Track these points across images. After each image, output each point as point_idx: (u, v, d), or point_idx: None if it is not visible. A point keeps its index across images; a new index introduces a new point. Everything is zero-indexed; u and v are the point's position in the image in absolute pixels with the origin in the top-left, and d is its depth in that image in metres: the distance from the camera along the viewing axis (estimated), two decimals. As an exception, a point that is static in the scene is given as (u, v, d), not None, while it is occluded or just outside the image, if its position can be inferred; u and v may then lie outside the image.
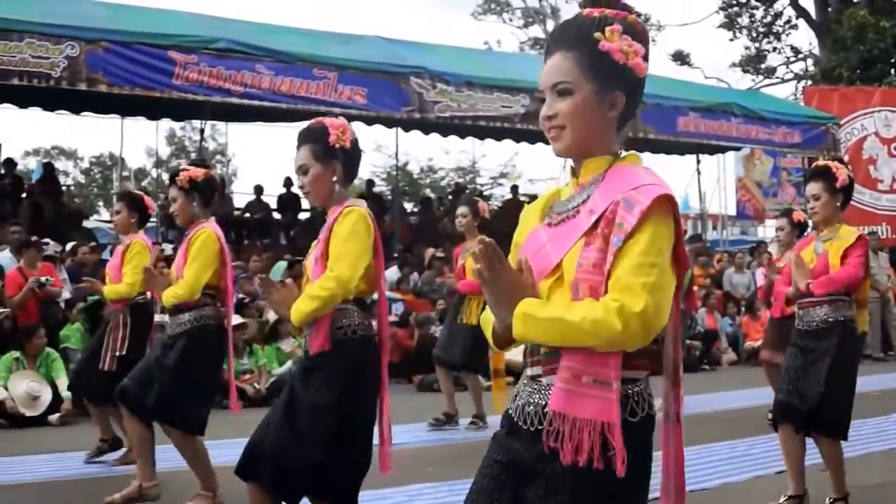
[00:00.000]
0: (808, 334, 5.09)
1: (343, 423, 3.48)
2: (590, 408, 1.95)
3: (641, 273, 1.90)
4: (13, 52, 11.24)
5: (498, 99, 14.54)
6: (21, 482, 6.06)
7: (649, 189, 1.96)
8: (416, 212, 19.70)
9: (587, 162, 2.13)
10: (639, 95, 2.13)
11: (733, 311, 15.13)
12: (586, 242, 2.00)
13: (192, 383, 5.05)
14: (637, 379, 2.02)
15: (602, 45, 2.04)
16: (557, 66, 2.09)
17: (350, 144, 3.61)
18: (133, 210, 6.39)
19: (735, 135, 17.50)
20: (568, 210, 2.11)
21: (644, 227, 1.93)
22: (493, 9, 35.24)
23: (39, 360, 8.73)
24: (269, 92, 12.74)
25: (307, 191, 3.67)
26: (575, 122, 2.07)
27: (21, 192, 15.12)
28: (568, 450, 1.96)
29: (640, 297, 1.88)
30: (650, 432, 2.05)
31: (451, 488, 5.45)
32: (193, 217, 5.22)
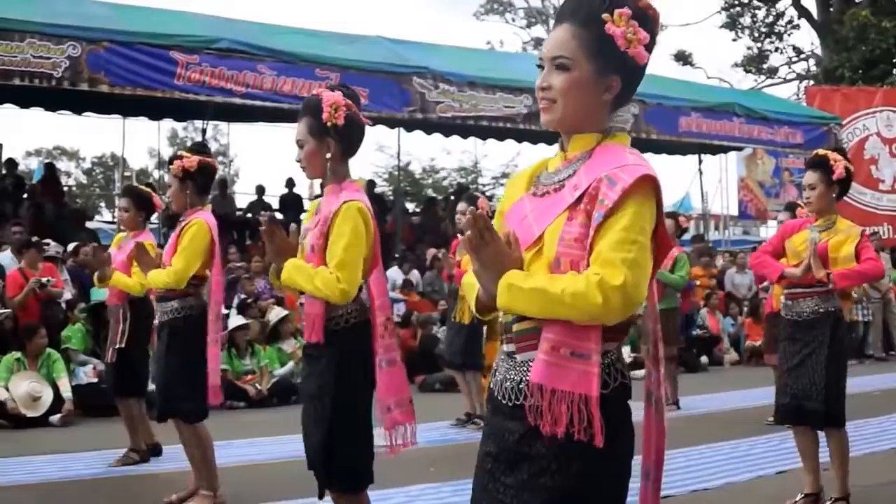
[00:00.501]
0: (798, 325, 5.09)
1: (340, 412, 3.49)
2: (568, 380, 1.99)
3: (622, 249, 1.93)
4: (15, 53, 11.24)
5: (500, 99, 14.54)
6: (22, 483, 6.05)
7: (633, 168, 1.99)
8: (417, 212, 19.71)
9: (576, 137, 2.15)
10: (636, 81, 2.14)
11: (735, 311, 15.11)
12: (569, 217, 2.03)
13: (179, 372, 5.11)
14: (608, 351, 2.05)
15: (608, 27, 2.04)
16: (561, 39, 2.10)
17: (344, 121, 3.55)
18: (141, 209, 6.39)
19: (737, 135, 17.49)
20: (553, 183, 2.13)
21: (626, 205, 1.96)
22: (496, 9, 35.24)
23: (41, 360, 8.71)
24: (272, 92, 12.73)
25: (303, 165, 3.65)
26: (567, 98, 2.09)
27: (22, 193, 15.13)
28: (546, 421, 1.99)
29: (619, 272, 1.90)
30: (625, 402, 2.08)
31: (454, 489, 5.45)
32: (188, 204, 5.23)
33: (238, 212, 16.73)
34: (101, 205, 36.38)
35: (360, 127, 3.66)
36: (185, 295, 5.13)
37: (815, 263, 4.99)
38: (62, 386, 8.62)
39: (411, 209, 21.17)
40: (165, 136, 36.69)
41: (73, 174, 41.98)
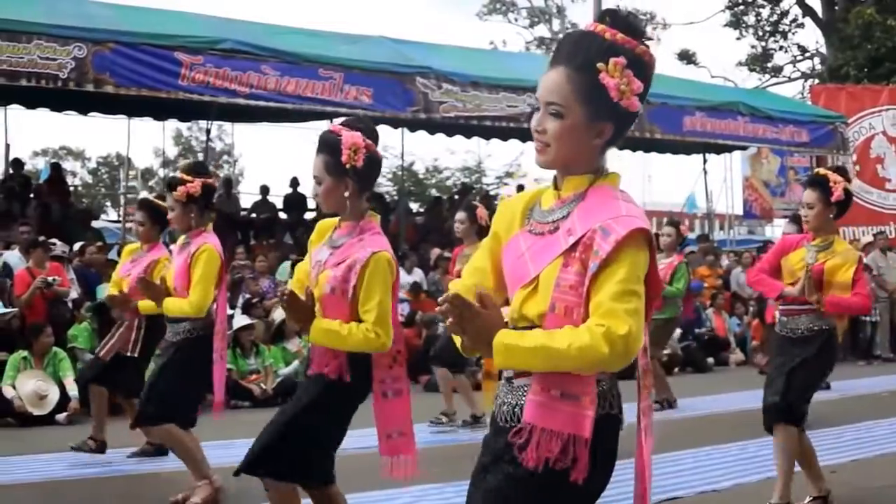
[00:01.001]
0: (792, 342, 5.14)
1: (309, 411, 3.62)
2: (558, 420, 2.09)
3: (623, 300, 2.02)
4: (21, 54, 11.28)
5: (504, 99, 14.52)
6: (28, 481, 6.09)
7: (626, 220, 2.07)
8: (421, 212, 19.71)
9: (569, 178, 2.21)
10: (627, 127, 2.19)
11: (741, 311, 15.07)
12: (564, 263, 2.11)
13: (182, 387, 5.23)
14: (600, 380, 2.13)
15: (602, 77, 2.08)
16: (556, 85, 2.14)
17: (363, 162, 3.56)
18: (156, 222, 6.39)
19: (742, 134, 17.43)
20: (548, 222, 2.20)
21: (620, 256, 2.04)
22: (499, 9, 35.18)
23: (47, 359, 8.76)
24: (275, 92, 12.74)
25: (320, 200, 3.69)
26: (560, 143, 2.15)
27: (29, 193, 15.18)
28: (531, 456, 2.10)
29: (624, 322, 2.00)
30: (611, 432, 2.16)
31: (457, 489, 5.38)
32: (191, 227, 5.30)
33: (242, 211, 16.77)
34: (106, 204, 36.49)
35: (378, 164, 3.70)
36: (196, 317, 5.22)
37: (808, 286, 5.04)
38: (68, 385, 8.66)
39: (415, 209, 21.19)
40: (170, 136, 36.78)
41: (79, 174, 42.08)
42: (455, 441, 7.43)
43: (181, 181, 5.26)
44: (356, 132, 3.59)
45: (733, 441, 7.14)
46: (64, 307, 10.00)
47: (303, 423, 3.60)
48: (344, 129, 3.62)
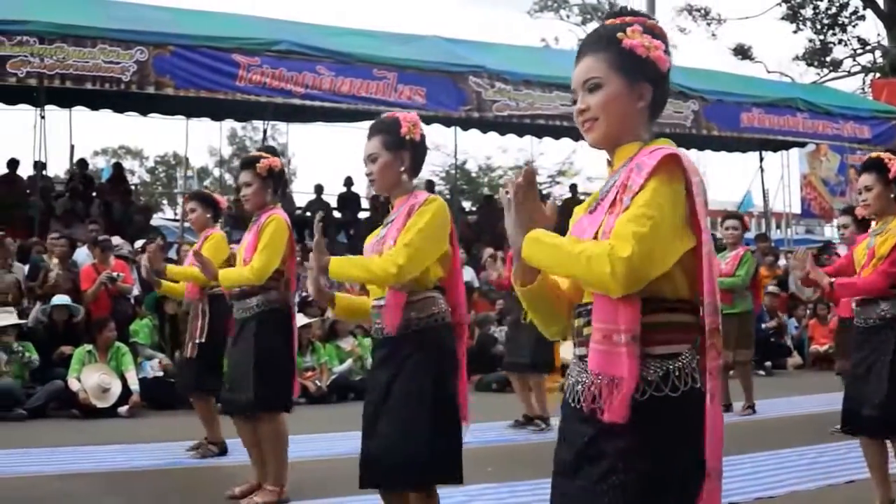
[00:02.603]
0: (867, 331, 4.88)
1: (438, 408, 3.52)
2: (615, 364, 2.05)
3: (635, 222, 2.00)
4: (87, 58, 11.60)
5: (557, 97, 14.51)
6: (90, 471, 6.22)
7: (657, 152, 2.09)
8: (474, 211, 19.73)
9: (619, 150, 2.24)
10: (665, 88, 2.25)
11: (800, 313, 14.76)
12: (610, 212, 2.12)
13: (267, 367, 5.13)
14: (678, 353, 2.08)
15: (625, 42, 2.18)
16: (587, 66, 2.23)
17: (420, 138, 3.66)
18: (207, 206, 6.51)
19: (800, 130, 17.22)
20: (602, 195, 2.22)
21: (648, 185, 2.05)
22: (550, 6, 34.99)
23: (110, 353, 8.97)
24: (330, 92, 12.91)
25: (374, 178, 3.69)
26: (607, 111, 2.20)
27: (92, 192, 15.49)
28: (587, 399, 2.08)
29: (628, 244, 1.97)
30: (694, 408, 2.06)
31: (512, 489, 5.46)
32: (265, 204, 5.28)
33: (297, 210, 16.92)
34: (163, 202, 36.99)
35: (426, 149, 3.78)
36: (266, 290, 5.14)
37: (815, 273, 4.92)
38: (130, 378, 8.88)
39: (468, 208, 21.20)
40: (225, 136, 37.15)
41: (137, 172, 42.68)
42: (509, 441, 7.45)
43: (260, 157, 5.28)
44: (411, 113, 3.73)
45: (789, 447, 6.99)
46: (126, 303, 10.25)
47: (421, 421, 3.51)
48: (397, 111, 3.76)
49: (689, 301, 2.13)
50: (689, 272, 2.11)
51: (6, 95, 14.61)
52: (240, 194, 5.43)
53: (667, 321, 2.09)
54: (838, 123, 17.46)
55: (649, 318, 2.05)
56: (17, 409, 8.40)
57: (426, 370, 3.54)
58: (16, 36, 11.42)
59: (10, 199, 14.20)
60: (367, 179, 3.77)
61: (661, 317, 2.08)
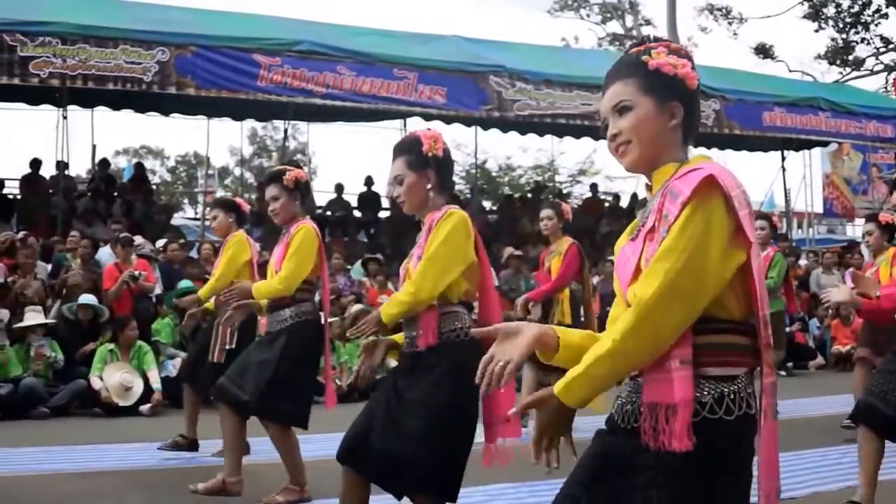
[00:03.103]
0: None
1: (447, 422, 3.53)
2: (668, 392, 2.01)
3: (666, 258, 1.97)
4: (109, 59, 11.68)
5: (577, 97, 14.52)
6: (114, 469, 6.26)
7: (691, 176, 2.01)
8: (494, 210, 19.73)
9: (656, 173, 2.19)
10: (696, 106, 2.21)
11: (822, 313, 14.61)
12: (649, 239, 2.08)
13: (292, 379, 5.15)
14: (734, 376, 2.03)
15: (651, 63, 2.15)
16: (615, 92, 2.20)
17: (443, 153, 3.65)
18: (229, 212, 6.52)
19: (823, 129, 17.12)
20: (642, 221, 2.18)
21: (681, 213, 1.99)
22: (570, 5, 34.91)
23: (132, 352, 9.02)
24: (351, 92, 12.94)
25: (402, 200, 3.69)
26: (639, 133, 2.16)
27: (113, 191, 15.58)
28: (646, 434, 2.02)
29: (655, 281, 1.95)
30: (747, 434, 2.05)
31: (532, 489, 5.46)
32: (294, 216, 5.28)
33: (317, 210, 16.96)
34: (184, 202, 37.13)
35: (452, 164, 3.77)
36: (298, 302, 5.17)
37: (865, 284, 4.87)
38: (152, 377, 8.93)
39: (488, 207, 21.20)
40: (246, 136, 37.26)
41: (158, 172, 42.86)
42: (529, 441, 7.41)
43: (286, 170, 5.29)
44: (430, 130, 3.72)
45: (812, 448, 6.96)
46: (148, 302, 10.29)
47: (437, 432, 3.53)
48: (417, 130, 3.73)
49: (742, 322, 2.07)
50: (740, 290, 2.05)
51: (29, 96, 14.72)
52: (268, 210, 5.41)
53: (720, 342, 2.04)
54: (861, 122, 17.33)
55: (701, 339, 2.01)
56: (40, 407, 8.45)
57: (441, 385, 3.55)
58: (38, 37, 11.52)
59: (32, 199, 14.32)
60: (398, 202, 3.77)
61: (714, 338, 2.03)
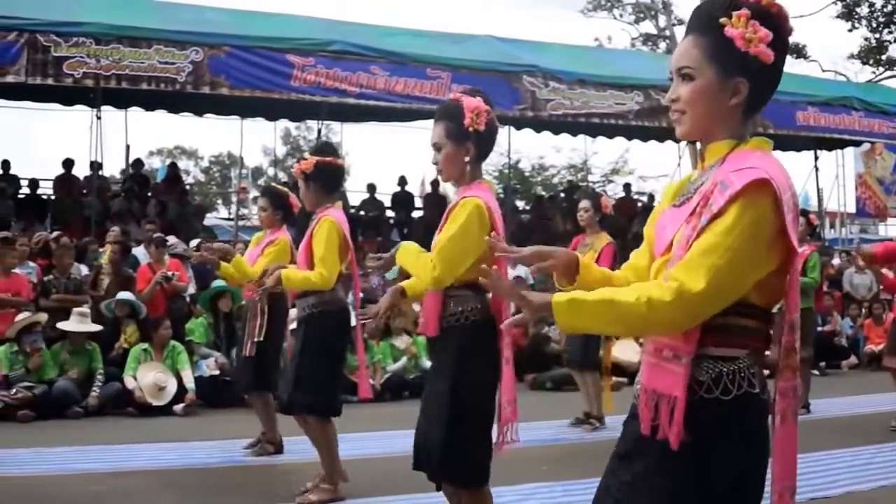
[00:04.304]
0: None
1: (454, 413, 3.55)
2: (666, 381, 2.02)
3: (711, 254, 1.91)
4: (142, 59, 11.77)
5: (611, 96, 14.49)
6: (147, 468, 6.29)
7: (746, 172, 1.94)
8: (527, 210, 19.70)
9: (711, 146, 2.13)
10: (767, 83, 2.09)
11: (854, 312, 14.53)
12: (687, 221, 2.04)
13: (314, 369, 5.19)
14: (735, 357, 2.01)
15: (726, 30, 2.02)
16: (684, 50, 2.11)
17: (485, 127, 3.61)
18: (278, 208, 6.48)
19: (856, 129, 16.99)
20: (689, 192, 2.13)
21: (730, 209, 1.92)
22: (604, 5, 34.79)
23: (166, 352, 9.06)
24: (384, 92, 12.97)
25: (439, 168, 3.70)
26: (694, 107, 2.09)
27: (147, 192, 15.69)
28: (644, 419, 2.05)
29: (701, 277, 1.90)
30: (752, 411, 2.02)
31: (566, 488, 5.44)
32: (317, 203, 5.33)
33: (350, 209, 17.01)
34: (217, 202, 37.39)
35: (496, 131, 3.73)
36: (320, 291, 5.19)
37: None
38: (185, 377, 8.96)
39: (521, 207, 21.18)
40: (279, 136, 37.46)
41: (192, 172, 43.19)
42: (564, 441, 7.42)
43: (299, 159, 5.37)
44: (477, 98, 3.64)
45: (844, 447, 6.91)
46: (182, 302, 10.33)
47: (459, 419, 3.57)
48: (464, 96, 3.66)
49: (757, 306, 2.04)
50: (765, 283, 2.01)
51: (63, 96, 14.86)
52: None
53: (731, 324, 2.01)
54: (894, 122, 17.23)
55: (712, 321, 1.99)
56: (74, 407, 8.49)
57: (446, 372, 3.62)
58: (72, 37, 11.61)
59: (66, 199, 14.46)
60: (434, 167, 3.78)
61: (726, 319, 2.00)
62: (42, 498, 5.46)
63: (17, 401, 8.13)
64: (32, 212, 14.07)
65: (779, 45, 2.04)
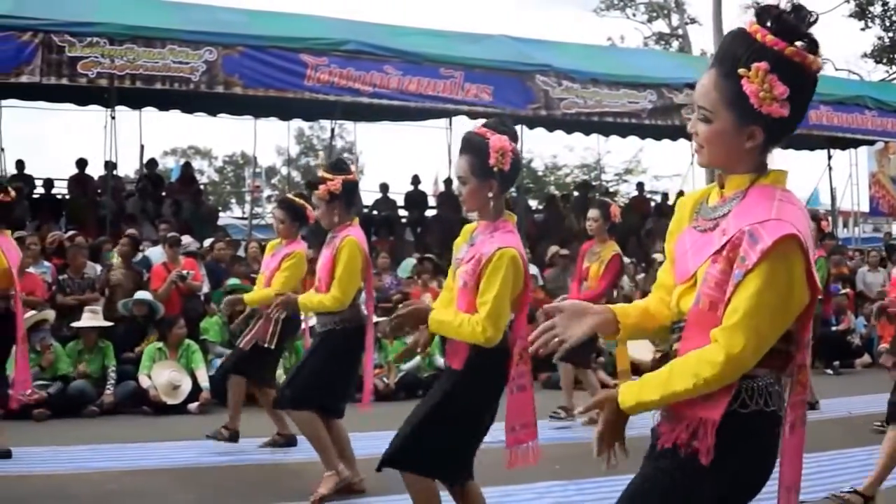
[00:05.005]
0: None
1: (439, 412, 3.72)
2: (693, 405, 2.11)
3: (755, 315, 2.01)
4: (156, 59, 11.81)
5: (624, 95, 14.48)
6: (162, 467, 6.34)
7: (774, 226, 2.02)
8: (540, 209, 19.70)
9: (730, 177, 2.20)
10: (782, 130, 2.13)
11: (868, 311, 14.46)
12: (713, 260, 2.11)
13: (325, 375, 5.33)
14: (755, 376, 2.11)
15: (743, 84, 2.06)
16: (705, 90, 2.15)
17: (510, 167, 3.63)
18: (295, 219, 6.52)
19: (869, 128, 16.93)
20: (710, 219, 2.21)
21: (762, 265, 2.00)
22: (617, 4, 34.76)
23: (180, 350, 9.09)
24: (398, 91, 12.99)
25: (463, 200, 3.77)
26: (710, 147, 2.17)
27: (161, 192, 15.75)
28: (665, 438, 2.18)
29: (742, 338, 2.01)
30: (764, 428, 2.14)
31: (580, 487, 5.46)
32: (339, 221, 5.40)
33: (364, 209, 17.03)
34: (231, 201, 37.48)
35: (520, 166, 3.77)
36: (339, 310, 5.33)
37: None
38: (200, 376, 8.98)
39: (534, 206, 21.18)
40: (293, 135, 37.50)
41: (206, 172, 43.28)
42: (578, 439, 7.41)
43: (322, 180, 5.40)
44: (503, 136, 3.64)
45: (859, 446, 6.91)
46: (196, 301, 10.38)
47: (437, 418, 3.71)
48: (489, 132, 3.66)
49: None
50: None
51: (78, 96, 14.95)
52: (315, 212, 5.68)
53: None
54: (907, 121, 17.12)
55: None
56: (89, 406, 8.55)
57: (447, 378, 3.80)
58: (86, 37, 11.66)
59: (81, 199, 14.52)
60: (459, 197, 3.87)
61: None
62: (58, 496, 5.50)
63: (32, 400, 8.18)
64: (47, 212, 14.14)
65: (798, 97, 2.08)
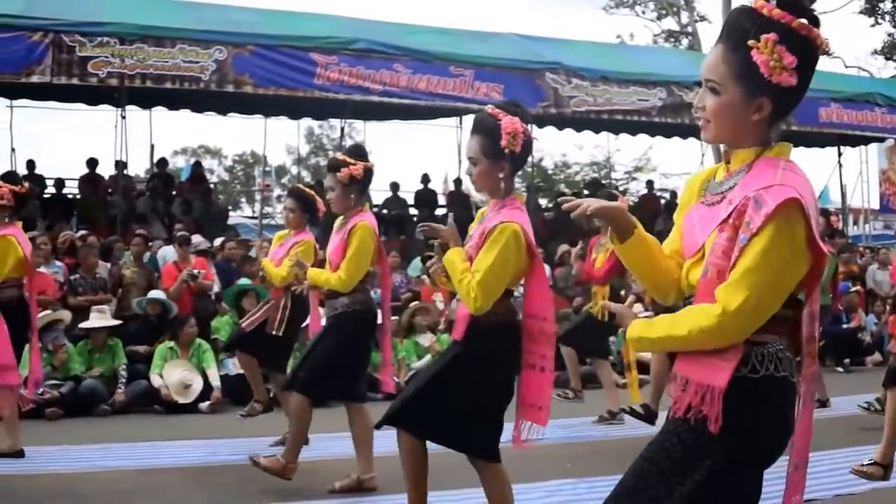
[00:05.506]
0: None
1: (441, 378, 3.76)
2: (698, 371, 2.14)
3: (754, 272, 2.02)
4: (167, 58, 11.84)
5: (634, 93, 14.47)
6: (173, 465, 6.34)
7: (777, 190, 2.04)
8: (550, 208, 19.67)
9: (736, 152, 2.23)
10: (789, 101, 2.17)
11: (879, 309, 14.44)
12: (720, 229, 2.13)
13: (335, 359, 5.32)
14: (764, 342, 2.12)
15: (753, 54, 2.09)
16: (713, 63, 2.17)
17: (521, 148, 3.62)
18: (305, 210, 6.54)
19: (879, 125, 16.91)
20: (717, 193, 2.23)
21: (766, 228, 2.02)
22: (626, 2, 34.67)
23: (191, 350, 9.10)
24: (407, 90, 13.01)
25: (474, 181, 3.76)
26: (717, 120, 2.18)
27: (172, 191, 15.79)
28: (679, 405, 2.18)
29: (741, 294, 2.02)
30: (777, 392, 2.13)
31: (591, 485, 5.44)
32: (350, 207, 5.39)
33: (374, 207, 17.03)
34: (241, 200, 37.54)
35: (531, 146, 3.75)
36: (353, 291, 5.30)
37: None
38: (211, 375, 8.99)
39: (544, 205, 21.14)
40: (303, 134, 37.53)
41: (216, 171, 43.33)
42: (588, 438, 7.41)
43: (344, 163, 5.35)
44: (515, 117, 3.63)
45: (872, 444, 6.85)
46: (207, 300, 10.38)
47: (437, 385, 3.75)
48: (502, 112, 3.64)
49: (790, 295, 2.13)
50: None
51: (88, 96, 14.99)
52: (325, 196, 5.62)
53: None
54: (919, 118, 17.08)
55: None
56: (101, 405, 8.56)
57: (451, 349, 3.85)
58: (97, 37, 11.71)
59: (92, 198, 14.56)
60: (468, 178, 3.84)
61: None
62: (70, 495, 5.50)
63: (45, 399, 8.20)
64: (58, 211, 14.19)
65: (805, 68, 2.12)
